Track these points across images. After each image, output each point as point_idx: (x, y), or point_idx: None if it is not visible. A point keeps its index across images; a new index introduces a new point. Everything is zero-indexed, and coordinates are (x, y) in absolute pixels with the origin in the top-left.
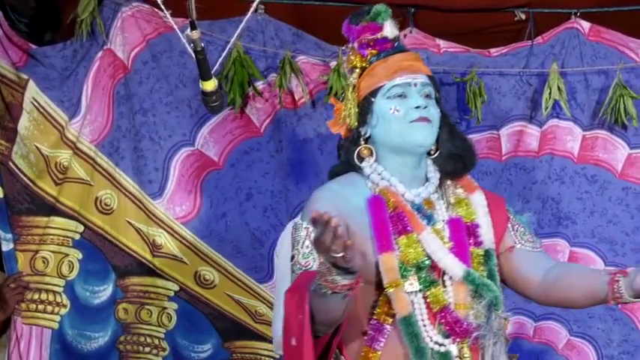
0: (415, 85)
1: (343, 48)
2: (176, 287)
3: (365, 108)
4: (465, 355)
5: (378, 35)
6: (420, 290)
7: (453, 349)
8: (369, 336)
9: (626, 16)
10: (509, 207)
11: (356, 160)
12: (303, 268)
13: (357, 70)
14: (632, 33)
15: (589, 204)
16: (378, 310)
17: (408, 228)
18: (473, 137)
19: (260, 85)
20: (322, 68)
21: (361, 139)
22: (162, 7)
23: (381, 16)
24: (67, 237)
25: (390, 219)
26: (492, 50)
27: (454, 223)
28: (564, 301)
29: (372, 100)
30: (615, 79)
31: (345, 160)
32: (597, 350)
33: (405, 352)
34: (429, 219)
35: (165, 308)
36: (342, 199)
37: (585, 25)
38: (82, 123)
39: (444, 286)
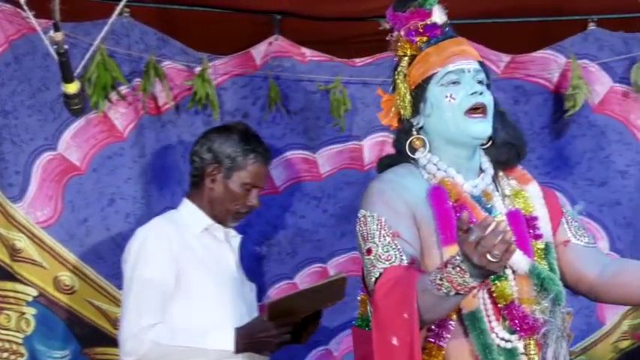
0: (469, 71)
1: (207, 55)
2: (35, 292)
3: (418, 96)
4: (532, 352)
5: (427, 21)
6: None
7: (519, 346)
8: (432, 332)
9: (487, 29)
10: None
11: (408, 150)
12: (386, 262)
13: (407, 59)
14: (493, 46)
15: None
16: None
17: (473, 220)
18: (336, 147)
19: (124, 89)
20: (187, 74)
21: (413, 129)
22: (25, 7)
23: (429, 1)
24: None
25: (453, 210)
26: (357, 60)
27: (514, 216)
28: (623, 297)
29: (425, 87)
30: None
31: (397, 151)
32: None
33: (471, 349)
34: (489, 211)
35: (23, 313)
36: (404, 190)
37: None
38: None
39: (508, 280)
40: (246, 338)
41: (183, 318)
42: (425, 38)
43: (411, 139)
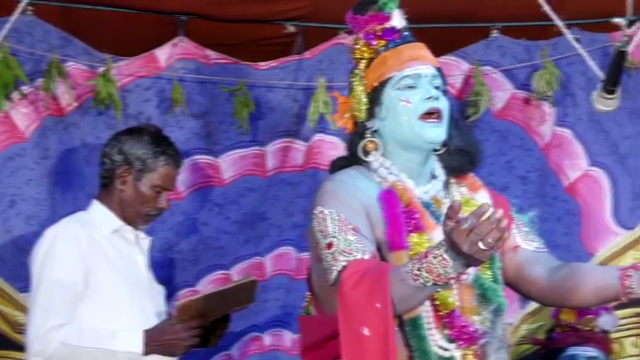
0: (425, 75)
1: (110, 56)
2: None
3: (373, 99)
4: None
5: (386, 25)
6: None
7: (457, 355)
8: None
9: None
10: (512, 206)
11: (361, 153)
12: (349, 255)
13: (364, 62)
14: None
15: None
16: None
17: (421, 226)
18: (239, 152)
19: (26, 88)
20: (90, 74)
21: (367, 132)
22: None
23: (389, 5)
24: None
25: (402, 215)
26: (261, 63)
27: None
28: (573, 299)
29: (381, 91)
30: None
31: (350, 154)
32: None
33: (409, 356)
34: (437, 218)
35: None
36: (357, 191)
37: None
38: None
39: (451, 290)
40: (154, 340)
41: (92, 319)
42: (383, 42)
43: (364, 141)
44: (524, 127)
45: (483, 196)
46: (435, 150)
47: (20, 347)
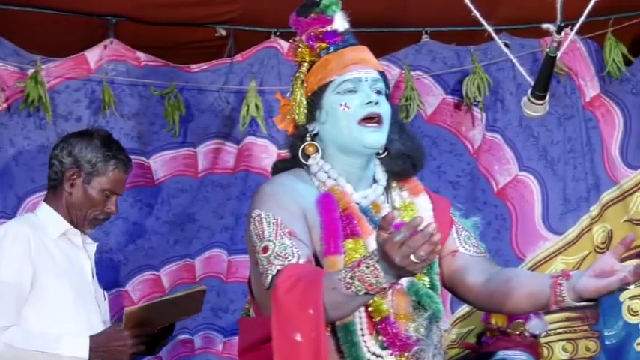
0: (366, 80)
1: (40, 57)
2: None
3: (314, 103)
4: None
5: (328, 28)
6: None
7: None
8: None
9: None
10: (454, 210)
11: (301, 157)
12: (284, 260)
13: (306, 64)
14: None
15: None
16: None
17: (357, 231)
18: (170, 153)
19: None
20: (20, 76)
21: (308, 135)
22: None
23: (331, 8)
24: None
25: (339, 220)
26: (192, 66)
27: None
28: (508, 305)
29: (322, 94)
30: None
31: (291, 157)
32: None
33: None
34: (375, 224)
35: None
36: (295, 194)
37: (284, 44)
38: None
39: (386, 296)
40: (101, 346)
41: (38, 322)
42: (324, 45)
43: (303, 145)
44: (454, 132)
45: (424, 200)
46: (378, 154)
47: None
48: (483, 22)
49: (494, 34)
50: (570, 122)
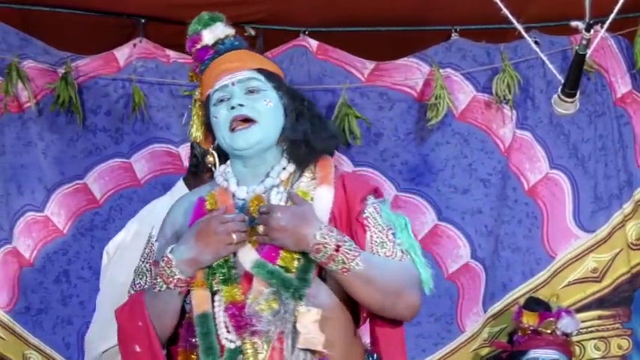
0: (233, 84)
1: (70, 55)
2: None
3: (206, 119)
4: (249, 351)
5: (198, 46)
6: (214, 287)
7: (243, 345)
8: (182, 336)
9: (352, 37)
10: (376, 202)
11: (211, 167)
12: (136, 287)
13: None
14: (358, 52)
15: None
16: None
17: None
18: None
19: None
20: (50, 74)
21: (211, 147)
22: None
23: (194, 27)
24: None
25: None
26: None
27: None
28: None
29: (207, 110)
30: (341, 98)
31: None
32: None
33: (196, 353)
34: (252, 218)
35: None
36: (180, 211)
37: (313, 43)
38: None
39: (244, 283)
40: None
41: None
42: (199, 64)
43: (207, 156)
44: (485, 130)
45: (324, 192)
46: (285, 145)
47: None
48: (513, 20)
49: (523, 32)
50: (601, 119)
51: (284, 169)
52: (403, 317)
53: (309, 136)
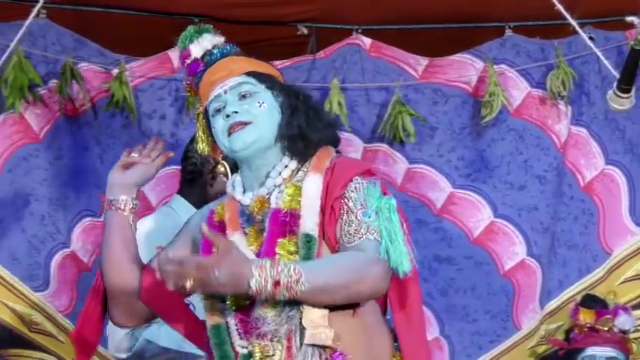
0: (225, 92)
1: (124, 57)
2: None
3: (210, 131)
4: (256, 354)
5: (188, 61)
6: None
7: (256, 349)
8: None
9: (405, 34)
10: (360, 182)
11: (223, 177)
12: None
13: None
14: (411, 49)
15: None
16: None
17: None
18: None
19: (40, 90)
20: (104, 76)
21: (220, 157)
22: None
23: (182, 43)
24: None
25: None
26: (275, 62)
27: (273, 215)
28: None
29: (208, 122)
30: (394, 95)
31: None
32: None
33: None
34: (249, 221)
35: None
36: (195, 223)
37: (367, 41)
38: None
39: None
40: None
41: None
42: (192, 78)
43: (217, 166)
44: (540, 126)
45: (312, 183)
46: (286, 144)
47: (36, 346)
48: (567, 15)
49: (578, 28)
50: None
51: (286, 167)
52: (374, 295)
53: (304, 129)
